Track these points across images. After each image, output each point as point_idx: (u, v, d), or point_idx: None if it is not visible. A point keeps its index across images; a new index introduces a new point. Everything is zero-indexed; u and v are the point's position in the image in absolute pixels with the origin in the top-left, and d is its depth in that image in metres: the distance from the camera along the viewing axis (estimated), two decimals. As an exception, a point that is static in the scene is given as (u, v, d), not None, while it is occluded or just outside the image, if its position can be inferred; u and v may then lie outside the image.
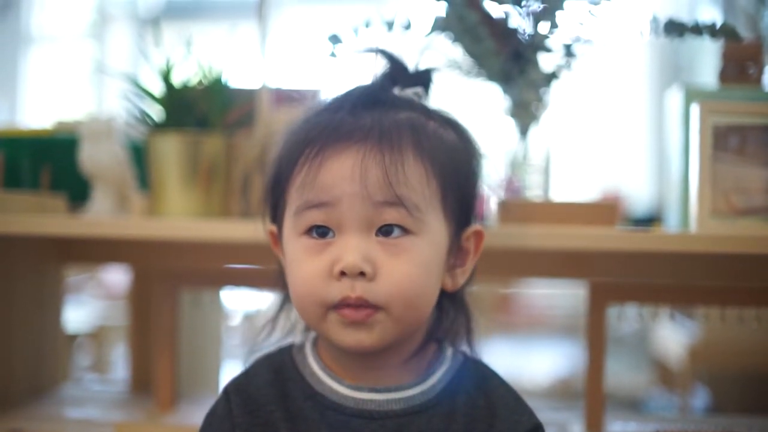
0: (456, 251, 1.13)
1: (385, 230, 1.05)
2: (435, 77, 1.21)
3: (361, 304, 1.04)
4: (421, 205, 1.06)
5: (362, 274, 1.03)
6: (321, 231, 1.07)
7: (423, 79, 1.20)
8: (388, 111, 1.09)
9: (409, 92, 1.17)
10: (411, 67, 1.20)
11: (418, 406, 1.10)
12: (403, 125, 1.07)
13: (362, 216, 1.05)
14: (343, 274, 1.04)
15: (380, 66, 1.19)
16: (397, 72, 1.19)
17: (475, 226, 1.15)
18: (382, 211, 1.04)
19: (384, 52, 1.20)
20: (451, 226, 1.10)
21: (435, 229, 1.08)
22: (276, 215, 1.15)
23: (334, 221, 1.06)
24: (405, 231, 1.05)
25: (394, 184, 1.03)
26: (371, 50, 1.20)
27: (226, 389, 1.16)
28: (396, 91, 1.16)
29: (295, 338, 1.20)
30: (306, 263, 1.07)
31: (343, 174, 1.04)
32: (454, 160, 1.11)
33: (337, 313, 1.05)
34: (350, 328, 1.05)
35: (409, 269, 1.05)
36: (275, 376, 1.15)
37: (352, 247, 1.04)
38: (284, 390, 1.13)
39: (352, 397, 1.10)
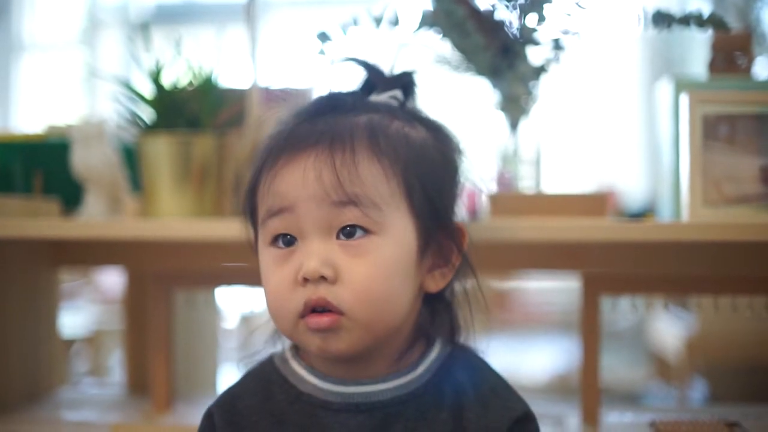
0: (435, 251, 1.12)
1: (347, 232, 1.04)
2: (415, 78, 1.21)
3: (324, 306, 1.03)
4: (380, 203, 1.05)
5: (324, 278, 1.03)
6: (286, 240, 1.07)
7: (400, 82, 1.19)
8: (347, 115, 1.09)
9: (385, 96, 1.16)
10: (388, 71, 1.20)
11: (405, 396, 1.10)
12: (359, 127, 1.07)
13: (319, 219, 1.04)
14: (306, 280, 1.04)
15: (358, 74, 1.20)
16: (373, 78, 1.19)
17: (455, 224, 1.14)
18: (339, 212, 1.04)
19: (359, 61, 1.20)
20: (420, 224, 1.09)
21: (399, 229, 1.07)
22: (255, 228, 1.15)
23: (295, 228, 1.06)
24: (366, 231, 1.04)
25: (346, 183, 1.03)
26: (346, 60, 1.21)
27: (209, 410, 1.16)
28: (373, 96, 1.17)
29: (275, 349, 1.20)
30: (273, 274, 1.07)
31: (295, 179, 1.05)
32: (421, 158, 1.10)
33: (305, 322, 1.04)
34: (318, 336, 1.05)
35: (370, 270, 1.04)
36: (257, 384, 1.15)
37: (312, 252, 1.04)
38: (268, 395, 1.13)
39: (338, 392, 1.10)
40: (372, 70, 1.20)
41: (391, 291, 1.06)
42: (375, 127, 1.08)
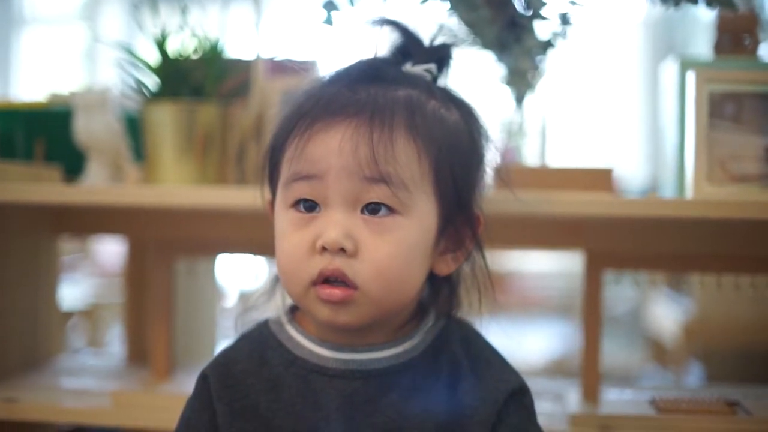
0: (450, 235, 1.12)
1: (371, 208, 1.04)
2: (452, 53, 1.19)
3: (339, 277, 1.03)
4: (410, 185, 1.04)
5: (343, 250, 1.03)
6: (308, 205, 1.06)
7: (438, 55, 1.18)
8: (387, 87, 1.07)
9: (420, 68, 1.15)
10: (426, 41, 1.18)
11: (401, 365, 1.10)
12: (399, 103, 1.06)
13: (347, 191, 1.03)
14: (325, 249, 1.03)
15: (392, 38, 1.18)
16: (410, 46, 1.17)
17: (473, 211, 1.13)
18: (368, 188, 1.03)
19: (398, 25, 1.18)
20: (443, 209, 1.08)
21: (423, 211, 1.06)
22: (272, 186, 1.15)
23: (320, 195, 1.05)
24: (391, 210, 1.04)
25: (381, 161, 1.02)
26: (386, 22, 1.19)
27: (203, 372, 1.15)
28: (408, 66, 1.15)
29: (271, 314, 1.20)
30: (290, 237, 1.06)
31: (330, 148, 1.03)
32: (452, 142, 1.09)
33: (316, 290, 1.04)
34: (328, 306, 1.04)
35: (391, 249, 1.04)
36: (253, 347, 1.15)
37: (335, 223, 1.03)
38: (263, 359, 1.13)
39: (334, 357, 1.10)
40: (411, 38, 1.17)
41: (407, 271, 1.06)
42: (414, 105, 1.07)
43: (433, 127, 1.07)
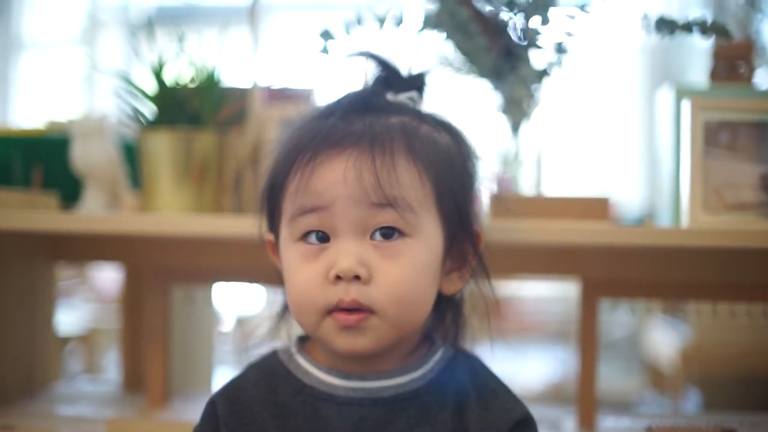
0: (455, 254, 1.13)
1: (383, 233, 1.05)
2: (429, 80, 1.22)
3: (355, 306, 1.04)
4: (415, 207, 1.06)
5: (357, 277, 1.04)
6: (317, 236, 1.07)
7: (417, 83, 1.20)
8: (380, 116, 1.10)
9: (403, 97, 1.17)
10: (404, 70, 1.21)
11: (408, 393, 1.11)
12: (395, 129, 1.08)
13: (355, 219, 1.05)
14: (338, 278, 1.04)
15: (372, 70, 1.20)
16: (390, 77, 1.19)
17: (473, 228, 1.15)
18: (375, 213, 1.05)
19: (376, 57, 1.20)
20: (447, 228, 1.10)
21: (430, 232, 1.08)
22: (272, 224, 1.16)
23: (329, 226, 1.06)
24: (400, 233, 1.06)
25: (385, 185, 1.04)
26: (363, 54, 1.21)
27: (212, 398, 1.16)
28: (389, 96, 1.17)
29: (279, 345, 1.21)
30: (302, 269, 1.07)
31: (335, 178, 1.05)
32: (448, 163, 1.11)
33: (332, 318, 1.05)
34: (344, 333, 1.05)
35: (404, 272, 1.05)
36: (261, 376, 1.16)
37: (347, 251, 1.04)
38: (271, 387, 1.14)
39: (342, 385, 1.11)
40: (389, 69, 1.20)
41: (420, 292, 1.08)
42: (409, 130, 1.09)
43: (430, 150, 1.09)
